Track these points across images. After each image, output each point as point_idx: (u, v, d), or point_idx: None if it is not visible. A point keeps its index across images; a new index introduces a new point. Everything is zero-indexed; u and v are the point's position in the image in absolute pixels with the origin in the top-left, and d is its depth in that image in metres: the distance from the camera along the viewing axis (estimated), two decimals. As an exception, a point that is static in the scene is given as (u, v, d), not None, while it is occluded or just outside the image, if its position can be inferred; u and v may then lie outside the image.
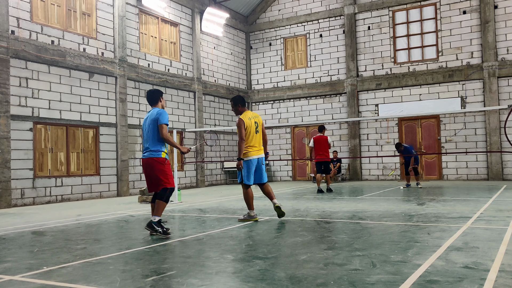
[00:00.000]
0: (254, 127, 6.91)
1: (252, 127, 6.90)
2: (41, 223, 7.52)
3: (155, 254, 4.63)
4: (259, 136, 6.99)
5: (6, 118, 10.84)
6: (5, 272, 4.04)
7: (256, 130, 6.96)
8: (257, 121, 7.02)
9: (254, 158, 6.87)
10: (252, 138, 6.90)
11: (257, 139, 6.97)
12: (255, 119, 7.01)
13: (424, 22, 17.31)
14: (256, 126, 6.98)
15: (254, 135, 6.92)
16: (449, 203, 8.81)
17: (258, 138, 6.98)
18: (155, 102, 6.15)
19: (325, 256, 4.29)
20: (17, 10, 11.38)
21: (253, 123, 6.93)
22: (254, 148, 6.90)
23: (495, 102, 15.66)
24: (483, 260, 3.94)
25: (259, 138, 6.99)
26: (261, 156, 6.95)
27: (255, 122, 6.97)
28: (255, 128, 6.94)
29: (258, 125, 7.02)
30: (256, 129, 6.96)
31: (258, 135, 6.97)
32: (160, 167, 5.84)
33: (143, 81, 14.96)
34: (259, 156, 6.93)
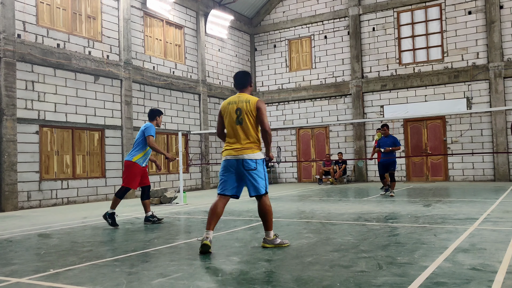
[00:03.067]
0: (234, 115, 4.91)
1: (230, 115, 4.94)
2: (47, 226, 7.55)
3: (161, 256, 4.63)
4: (242, 129, 4.88)
5: (12, 121, 10.90)
6: (12, 274, 4.06)
7: (238, 119, 4.90)
8: (240, 107, 4.90)
9: (228, 159, 4.91)
10: (230, 131, 4.95)
11: (239, 132, 4.88)
12: (239, 104, 4.92)
13: (429, 22, 17.25)
14: (238, 114, 4.91)
15: (234, 127, 4.91)
16: (455, 204, 8.77)
17: (241, 132, 4.87)
18: (152, 119, 7.44)
19: (331, 258, 4.28)
20: (23, 14, 11.45)
21: (232, 109, 4.93)
22: (230, 146, 4.93)
23: (501, 102, 15.57)
24: (491, 261, 3.92)
25: (241, 131, 4.87)
26: (241, 157, 4.83)
27: (237, 109, 4.90)
28: (237, 117, 4.90)
29: (242, 112, 4.90)
30: (238, 119, 4.90)
31: (240, 127, 4.88)
32: (126, 168, 7.18)
33: (148, 84, 15.01)
34: (237, 157, 4.85)
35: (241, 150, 4.84)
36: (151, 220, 7.23)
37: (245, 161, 4.81)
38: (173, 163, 15.91)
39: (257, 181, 4.84)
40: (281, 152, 11.16)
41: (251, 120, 4.89)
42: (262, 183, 4.88)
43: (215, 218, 4.82)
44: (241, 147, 4.85)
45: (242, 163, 4.82)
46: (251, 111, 4.88)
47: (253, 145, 4.88)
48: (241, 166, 4.82)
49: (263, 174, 4.90)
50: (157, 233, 6.27)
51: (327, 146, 19.03)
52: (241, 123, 4.88)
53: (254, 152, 4.86)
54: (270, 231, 4.97)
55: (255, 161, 4.84)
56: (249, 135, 4.87)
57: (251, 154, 4.83)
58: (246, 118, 4.87)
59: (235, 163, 4.85)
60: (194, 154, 16.60)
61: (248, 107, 4.88)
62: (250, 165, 4.81)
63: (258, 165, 4.85)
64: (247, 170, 4.81)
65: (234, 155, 4.85)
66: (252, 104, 4.90)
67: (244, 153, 4.83)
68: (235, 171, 4.87)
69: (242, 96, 5.00)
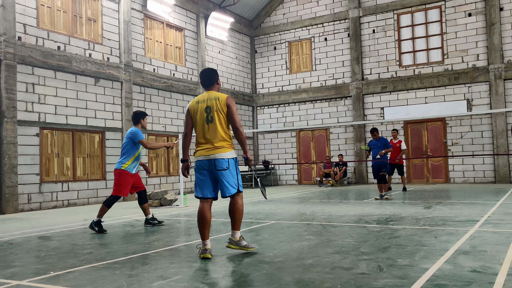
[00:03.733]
0: (203, 114, 4.71)
1: (199, 114, 4.74)
2: (47, 228, 7.55)
3: (161, 259, 4.63)
4: (212, 128, 4.68)
5: (13, 123, 10.91)
6: (13, 277, 4.06)
7: (208, 118, 4.70)
8: (210, 105, 4.71)
9: (200, 160, 4.71)
10: (200, 131, 4.74)
11: (210, 131, 4.69)
12: (209, 102, 4.73)
13: (429, 24, 17.27)
14: (208, 113, 4.71)
15: (204, 126, 4.70)
16: (456, 206, 8.76)
17: (212, 131, 4.68)
18: (137, 123, 7.39)
19: (331, 260, 4.28)
20: (24, 16, 11.47)
21: (202, 108, 4.73)
22: (201, 146, 4.73)
23: (501, 104, 15.57)
24: (491, 263, 3.91)
25: (212, 130, 4.68)
26: (212, 157, 4.65)
27: (206, 107, 4.71)
28: (206, 115, 4.71)
29: (212, 110, 4.70)
30: (208, 117, 4.70)
31: (211, 126, 4.69)
32: (116, 176, 7.05)
33: (148, 86, 15.02)
34: (209, 157, 4.66)
35: (212, 150, 4.66)
36: (151, 222, 7.22)
37: (217, 161, 4.65)
38: (174, 165, 15.91)
39: (229, 181, 4.67)
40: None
41: (221, 118, 4.70)
42: (234, 183, 4.71)
43: (206, 225, 4.68)
44: (212, 146, 4.67)
45: (214, 163, 4.65)
46: (221, 109, 4.70)
47: (225, 144, 4.71)
48: (213, 166, 4.66)
49: (235, 173, 4.74)
50: (157, 236, 6.26)
51: (327, 148, 19.03)
52: (211, 121, 4.69)
53: (226, 151, 4.69)
54: (237, 231, 4.80)
55: (227, 160, 4.67)
56: (220, 134, 4.69)
57: (223, 153, 4.67)
58: (216, 116, 4.69)
59: (207, 163, 4.68)
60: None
61: (218, 104, 4.70)
62: (222, 165, 4.65)
63: (230, 164, 4.69)
64: (219, 170, 4.65)
65: (206, 155, 4.68)
66: (222, 101, 4.72)
67: (216, 153, 4.66)
68: (208, 171, 4.71)
69: (211, 94, 4.81)
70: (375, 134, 11.23)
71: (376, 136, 11.23)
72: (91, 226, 6.77)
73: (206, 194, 4.72)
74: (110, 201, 6.95)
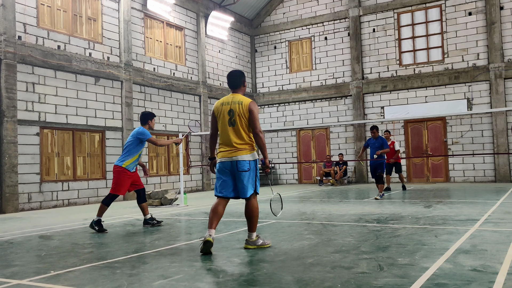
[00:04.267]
0: (226, 116, 4.84)
1: (223, 116, 4.88)
2: (48, 227, 7.55)
3: (162, 258, 4.63)
4: (234, 131, 4.83)
5: (13, 123, 10.91)
6: (13, 276, 4.06)
7: (231, 121, 4.83)
8: (233, 108, 4.83)
9: (223, 162, 4.88)
10: (223, 132, 4.90)
11: (232, 134, 4.83)
12: (232, 105, 4.84)
13: (429, 24, 17.26)
14: (231, 116, 4.83)
15: (226, 128, 4.85)
16: (456, 205, 8.76)
17: (234, 133, 4.83)
18: (144, 123, 7.34)
19: (332, 259, 4.28)
20: (24, 15, 11.47)
21: (225, 110, 4.86)
22: (224, 148, 4.90)
23: (501, 103, 15.57)
24: (492, 262, 3.91)
25: (234, 133, 4.83)
26: (235, 159, 4.80)
27: (230, 110, 4.84)
28: (229, 118, 4.84)
29: (234, 114, 4.83)
30: (231, 120, 4.83)
31: (233, 129, 4.83)
32: (115, 174, 7.03)
33: (148, 85, 15.02)
34: (231, 159, 4.82)
35: (234, 152, 4.81)
36: (150, 222, 7.18)
37: (239, 163, 4.80)
38: (174, 164, 15.92)
39: (249, 183, 4.83)
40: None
41: (243, 122, 4.83)
42: (253, 185, 4.87)
43: (216, 218, 4.84)
44: (235, 149, 4.81)
45: (236, 165, 4.80)
46: (243, 113, 4.82)
47: (247, 146, 4.85)
48: (235, 168, 4.81)
49: (254, 175, 4.90)
50: (157, 235, 6.27)
51: (327, 147, 19.03)
52: (233, 124, 4.83)
53: (248, 153, 4.84)
54: (254, 232, 4.96)
55: (248, 162, 4.82)
56: (242, 137, 4.83)
57: (244, 155, 4.81)
58: (238, 120, 4.82)
59: (229, 165, 4.84)
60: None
61: (241, 109, 4.82)
62: (243, 167, 4.80)
63: (251, 166, 4.84)
64: (240, 172, 4.80)
65: (228, 157, 4.83)
66: (244, 106, 4.84)
67: (238, 155, 4.80)
68: (230, 172, 4.86)
69: (236, 97, 4.93)
70: (374, 132, 11.17)
71: (375, 134, 11.16)
72: (91, 225, 6.78)
73: (227, 194, 4.89)
74: (109, 199, 6.96)
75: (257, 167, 4.97)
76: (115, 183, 7.02)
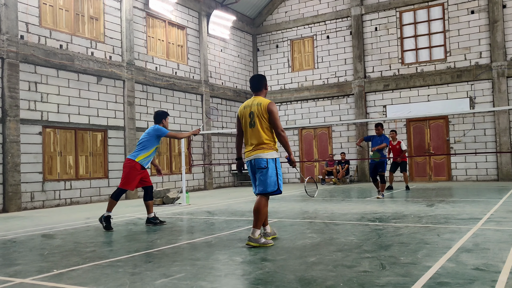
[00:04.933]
0: (248, 119, 5.12)
1: (245, 118, 5.16)
2: (50, 226, 7.57)
3: (164, 257, 4.64)
4: (254, 131, 5.06)
5: (15, 122, 10.94)
6: (16, 275, 4.07)
7: (251, 122, 5.09)
8: (253, 110, 5.07)
9: (247, 161, 5.22)
10: (246, 134, 5.20)
11: (252, 134, 5.08)
12: (252, 107, 5.10)
13: (431, 22, 17.22)
14: (251, 117, 5.08)
15: (248, 129, 5.13)
16: (458, 204, 8.75)
17: (254, 134, 5.06)
18: (159, 122, 7.31)
19: (334, 258, 4.28)
20: (26, 15, 11.49)
21: (247, 113, 5.13)
22: (247, 148, 5.19)
23: (504, 102, 15.53)
24: (494, 261, 3.91)
25: (254, 133, 5.06)
26: (253, 157, 5.06)
27: (250, 112, 5.09)
28: (250, 120, 5.10)
29: (254, 115, 5.07)
30: (251, 122, 5.09)
31: (253, 130, 5.07)
32: (126, 169, 7.02)
33: (151, 84, 15.03)
34: (251, 158, 5.10)
35: (254, 151, 5.07)
36: (153, 222, 7.18)
37: (256, 160, 5.05)
38: (176, 163, 15.94)
39: (267, 180, 4.99)
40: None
41: (262, 123, 5.04)
42: (274, 182, 5.02)
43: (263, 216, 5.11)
44: (254, 148, 5.07)
45: (254, 163, 5.08)
46: (262, 114, 5.04)
47: (265, 146, 5.04)
48: (254, 166, 5.09)
49: (274, 173, 5.03)
50: (159, 234, 6.28)
51: (329, 146, 19.02)
52: (253, 126, 5.08)
53: (265, 152, 5.02)
54: (257, 229, 5.02)
55: (266, 160, 5.00)
56: (260, 137, 5.03)
57: (261, 153, 5.02)
58: (258, 121, 5.05)
59: (249, 164, 5.17)
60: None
61: (260, 110, 5.05)
62: (260, 164, 5.01)
63: (269, 164, 5.00)
64: (258, 169, 5.04)
65: (249, 156, 5.13)
66: (263, 107, 5.04)
67: (256, 153, 5.05)
68: (251, 171, 5.17)
69: (256, 99, 5.18)
70: (378, 129, 11.02)
71: (380, 131, 11.01)
72: (100, 219, 6.86)
73: (255, 191, 5.20)
74: (117, 194, 6.95)
75: (278, 166, 5.10)
76: (124, 177, 7.00)
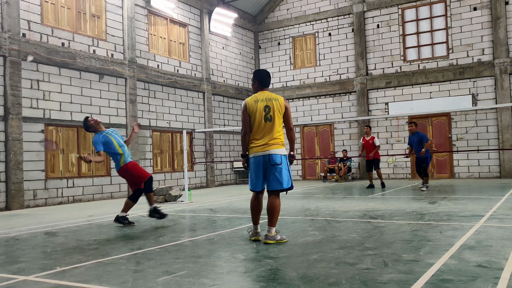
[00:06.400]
0: (262, 113, 5.06)
1: (258, 112, 5.06)
2: (53, 224, 7.59)
3: (167, 254, 4.65)
4: (269, 126, 5.06)
5: (18, 120, 10.95)
6: (19, 272, 4.08)
7: (267, 116, 5.05)
8: (269, 105, 5.08)
9: (256, 156, 5.09)
10: (257, 128, 5.08)
11: (266, 129, 5.06)
12: (268, 102, 5.09)
13: (433, 19, 17.17)
14: (267, 112, 5.06)
15: (262, 124, 5.06)
16: (461, 201, 8.74)
17: (268, 129, 5.06)
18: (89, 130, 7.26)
19: (336, 255, 4.28)
20: (28, 13, 11.49)
21: (261, 107, 5.07)
22: (257, 143, 5.08)
23: (507, 99, 15.49)
24: (497, 258, 3.90)
25: (269, 128, 5.06)
26: (267, 153, 5.02)
27: (265, 106, 5.07)
28: (265, 114, 5.06)
29: (271, 109, 5.07)
30: (267, 116, 5.05)
31: (268, 125, 5.06)
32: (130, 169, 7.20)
33: (152, 82, 15.03)
34: (264, 153, 5.03)
35: (268, 146, 5.04)
36: (155, 215, 7.04)
37: (271, 156, 5.02)
38: (178, 161, 15.95)
39: (282, 176, 5.02)
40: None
41: (279, 117, 5.11)
42: (288, 178, 5.08)
43: (258, 213, 5.21)
44: (268, 143, 5.05)
45: (268, 159, 5.02)
46: (280, 110, 5.11)
47: (279, 141, 5.10)
48: (268, 161, 5.03)
49: (287, 169, 5.11)
50: (162, 231, 6.29)
51: (331, 143, 19.00)
52: (270, 120, 5.07)
53: (280, 148, 5.09)
54: (273, 227, 5.08)
55: (280, 156, 5.05)
56: (276, 132, 5.08)
57: (277, 149, 5.05)
58: (276, 116, 5.08)
59: (262, 159, 5.06)
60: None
61: (278, 105, 5.10)
62: (276, 160, 5.01)
63: (283, 160, 5.06)
64: (273, 165, 5.01)
65: (261, 151, 5.06)
66: (281, 103, 5.13)
67: (271, 149, 5.04)
68: (263, 167, 5.07)
69: (269, 94, 5.18)
70: (412, 126, 11.44)
71: (413, 129, 11.42)
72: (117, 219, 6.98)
73: (259, 188, 5.12)
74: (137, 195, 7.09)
75: (288, 162, 5.18)
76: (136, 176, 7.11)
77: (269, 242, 5.01)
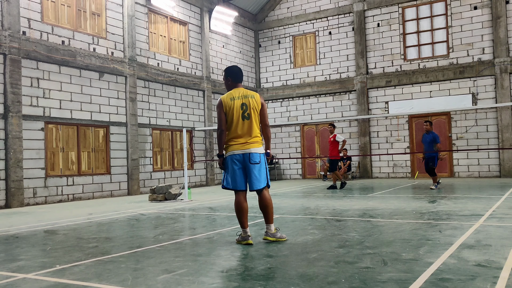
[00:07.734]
0: (239, 111, 4.90)
1: (235, 110, 4.90)
2: (53, 222, 7.59)
3: (166, 253, 4.65)
4: (248, 124, 4.92)
5: (18, 118, 10.95)
6: (19, 270, 4.09)
7: (244, 115, 4.91)
8: (245, 102, 4.92)
9: (235, 154, 4.93)
10: (235, 126, 4.91)
11: (245, 128, 4.92)
12: (244, 99, 4.93)
13: (434, 18, 17.16)
14: (244, 110, 4.91)
15: (240, 122, 4.90)
16: (460, 200, 8.74)
17: (247, 127, 4.92)
18: None
19: (336, 254, 4.28)
20: (28, 11, 11.48)
21: (237, 104, 4.90)
22: (236, 141, 4.93)
23: (507, 98, 15.49)
24: (496, 258, 3.90)
25: (247, 126, 4.92)
26: (247, 151, 4.90)
27: (242, 104, 4.91)
28: (242, 112, 4.91)
29: (248, 107, 4.92)
30: (244, 114, 4.91)
31: (246, 123, 4.92)
32: None
33: (152, 80, 15.03)
34: (244, 152, 4.90)
35: (247, 145, 4.92)
36: None
37: (252, 155, 4.91)
38: (178, 159, 15.95)
39: (261, 175, 4.96)
40: None
41: (256, 115, 4.99)
42: (264, 177, 5.00)
43: (245, 215, 4.99)
44: (248, 141, 4.93)
45: (248, 157, 4.91)
46: (256, 107, 4.99)
47: (258, 139, 5.01)
48: (248, 160, 4.91)
49: (265, 168, 5.04)
50: (162, 229, 6.29)
51: (331, 142, 18.98)
52: (248, 118, 4.93)
53: (259, 146, 5.00)
54: (272, 224, 5.06)
55: (259, 155, 4.96)
56: (254, 130, 4.96)
57: (257, 148, 4.96)
58: (253, 114, 4.95)
59: (242, 157, 4.93)
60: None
61: (254, 102, 4.98)
62: (255, 159, 4.92)
63: (261, 159, 4.99)
64: (252, 164, 4.91)
65: (241, 149, 4.92)
66: (257, 99, 5.03)
67: (251, 147, 4.92)
68: (242, 165, 4.95)
69: (244, 91, 5.03)
70: (427, 125, 11.61)
71: (428, 128, 11.58)
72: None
73: (240, 187, 4.96)
74: None
75: (266, 160, 5.10)
76: None
77: (268, 239, 5.02)
